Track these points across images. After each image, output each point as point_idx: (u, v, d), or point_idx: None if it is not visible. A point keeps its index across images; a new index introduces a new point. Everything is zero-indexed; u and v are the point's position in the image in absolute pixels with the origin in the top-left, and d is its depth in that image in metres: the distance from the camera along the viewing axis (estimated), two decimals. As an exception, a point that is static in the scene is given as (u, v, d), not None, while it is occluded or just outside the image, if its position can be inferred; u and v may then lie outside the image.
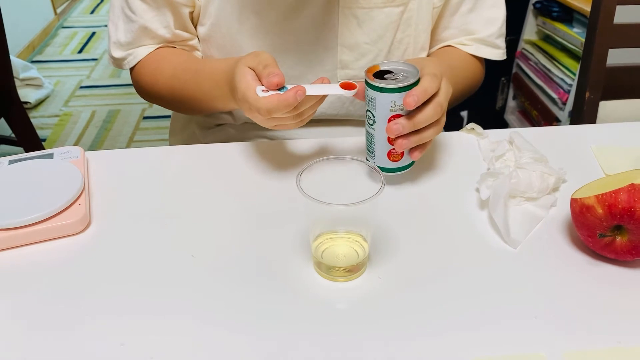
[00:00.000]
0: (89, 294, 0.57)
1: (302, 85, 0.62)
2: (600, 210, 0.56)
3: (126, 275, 0.58)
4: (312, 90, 0.63)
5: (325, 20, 0.80)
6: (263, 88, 0.62)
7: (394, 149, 0.65)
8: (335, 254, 0.58)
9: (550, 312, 0.53)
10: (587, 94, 1.09)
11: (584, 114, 1.13)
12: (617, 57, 1.10)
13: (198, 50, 0.86)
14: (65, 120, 2.51)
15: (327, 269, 0.57)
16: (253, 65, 0.65)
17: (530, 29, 2.13)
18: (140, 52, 0.83)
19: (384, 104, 0.63)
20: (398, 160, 0.67)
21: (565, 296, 0.55)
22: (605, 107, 1.14)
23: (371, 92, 0.63)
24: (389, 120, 0.63)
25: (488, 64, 0.92)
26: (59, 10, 3.59)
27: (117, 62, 0.85)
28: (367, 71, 0.65)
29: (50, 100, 2.68)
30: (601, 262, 0.59)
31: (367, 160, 0.68)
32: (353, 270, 0.58)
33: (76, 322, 0.54)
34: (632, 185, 0.55)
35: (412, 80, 0.62)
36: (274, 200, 0.68)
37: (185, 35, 0.84)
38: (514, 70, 2.23)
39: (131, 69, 0.86)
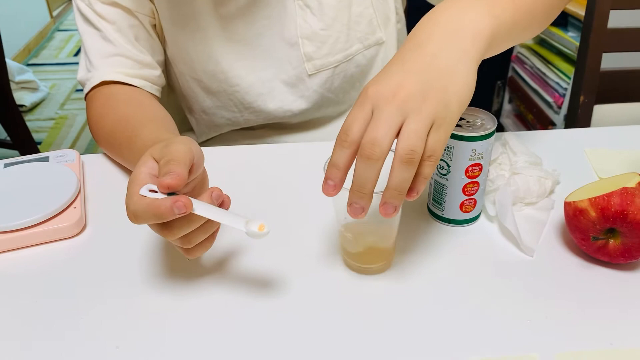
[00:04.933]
0: (84, 296, 0.57)
1: (193, 199, 0.49)
2: (593, 214, 0.56)
3: (122, 278, 0.59)
4: (204, 210, 0.49)
5: (283, 17, 0.80)
6: (152, 187, 0.50)
7: (467, 199, 0.62)
8: (362, 242, 0.58)
9: (543, 315, 0.54)
10: (582, 98, 1.10)
11: (578, 117, 1.14)
12: (611, 61, 1.11)
13: (158, 86, 0.80)
14: (60, 124, 2.51)
15: (355, 257, 0.58)
16: (158, 156, 0.52)
17: (526, 33, 2.14)
18: (98, 76, 0.75)
19: (464, 152, 0.59)
20: (470, 212, 0.63)
21: (558, 298, 0.55)
22: (600, 110, 1.15)
23: (448, 141, 0.58)
24: (467, 171, 0.60)
25: (484, 67, 0.91)
26: (54, 14, 3.59)
27: (82, 85, 0.79)
28: None
29: (46, 103, 2.68)
30: (594, 264, 0.59)
31: (429, 210, 0.66)
32: (379, 259, 0.58)
33: (71, 325, 0.54)
34: (625, 188, 0.55)
35: (491, 127, 0.58)
36: (272, 205, 0.68)
37: (146, 58, 0.77)
38: (510, 73, 2.24)
39: (86, 95, 0.78)
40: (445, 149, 0.60)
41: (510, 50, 2.16)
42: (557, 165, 0.71)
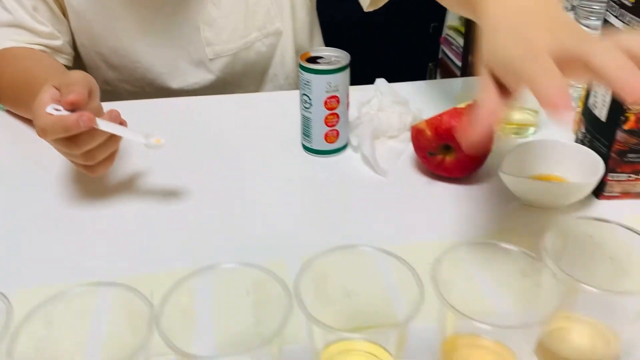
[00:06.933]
0: None
1: (96, 117, 0.55)
2: (429, 133, 0.64)
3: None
4: (106, 126, 0.56)
5: (189, 0, 0.84)
6: (57, 107, 0.56)
7: (329, 130, 0.70)
8: None
9: (386, 218, 0.62)
10: (470, 58, 1.19)
11: (470, 75, 1.22)
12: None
13: (64, 54, 0.83)
14: None
15: None
16: (58, 84, 0.58)
17: (453, 15, 2.23)
18: None
19: (321, 85, 0.66)
20: (334, 142, 0.71)
21: (403, 208, 0.64)
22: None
23: (306, 76, 0.66)
24: (325, 103, 0.68)
25: (415, 49, 0.92)
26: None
27: None
28: (300, 57, 0.67)
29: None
30: (438, 181, 0.67)
31: (302, 144, 0.72)
32: None
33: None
34: (455, 108, 0.64)
35: (345, 62, 0.66)
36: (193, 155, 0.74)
37: (46, 29, 0.80)
38: (440, 55, 2.34)
39: None
40: (305, 83, 0.68)
41: (439, 32, 2.25)
42: (429, 109, 0.79)
